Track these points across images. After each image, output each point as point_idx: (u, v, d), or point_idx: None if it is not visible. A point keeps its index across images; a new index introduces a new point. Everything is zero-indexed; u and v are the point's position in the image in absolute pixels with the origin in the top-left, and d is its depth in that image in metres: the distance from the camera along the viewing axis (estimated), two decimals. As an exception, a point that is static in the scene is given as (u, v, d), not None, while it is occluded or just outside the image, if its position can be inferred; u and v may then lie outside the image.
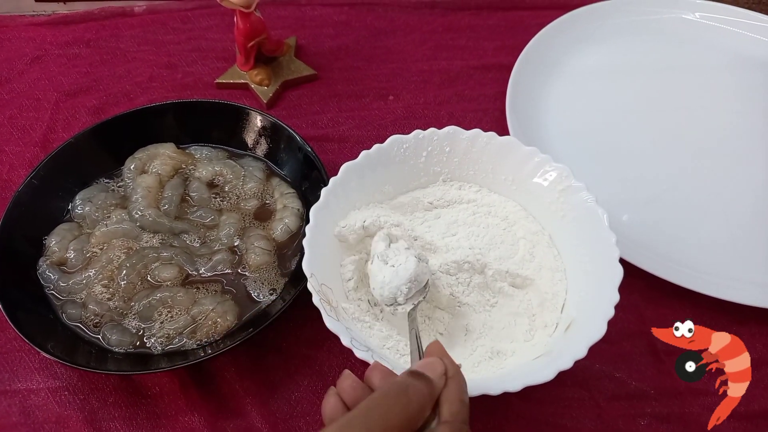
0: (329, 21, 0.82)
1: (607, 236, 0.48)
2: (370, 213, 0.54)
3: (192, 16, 0.82)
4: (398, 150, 0.55)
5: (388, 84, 0.75)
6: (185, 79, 0.75)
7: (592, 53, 0.77)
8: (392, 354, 0.47)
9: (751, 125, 0.71)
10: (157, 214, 0.58)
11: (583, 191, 0.51)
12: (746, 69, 0.76)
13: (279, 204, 0.60)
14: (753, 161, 0.67)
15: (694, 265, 0.58)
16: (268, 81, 0.72)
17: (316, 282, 0.46)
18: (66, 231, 0.57)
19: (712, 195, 0.64)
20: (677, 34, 0.79)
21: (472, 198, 0.57)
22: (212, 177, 0.62)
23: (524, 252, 0.54)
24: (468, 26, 0.82)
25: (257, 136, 0.64)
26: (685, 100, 0.73)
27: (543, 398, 0.51)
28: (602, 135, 0.70)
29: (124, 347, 0.51)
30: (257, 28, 0.68)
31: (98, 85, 0.75)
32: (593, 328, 0.44)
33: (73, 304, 0.54)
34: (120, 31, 0.81)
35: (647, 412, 0.51)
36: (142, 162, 0.62)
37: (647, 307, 0.56)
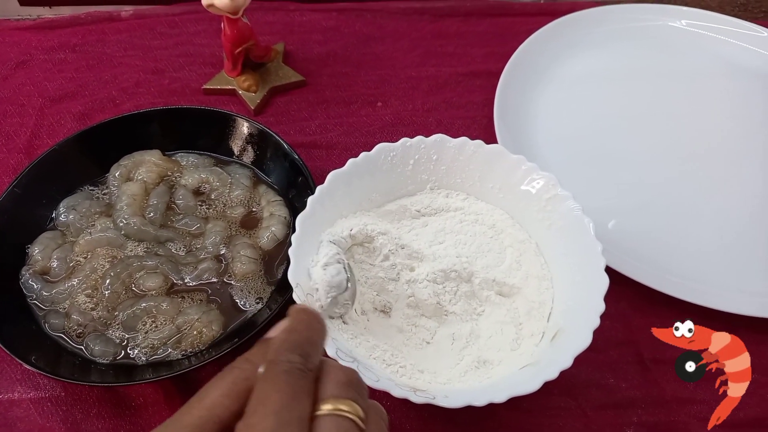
0: (318, 27, 0.82)
1: (594, 245, 0.48)
2: (357, 221, 0.53)
3: (179, 21, 0.82)
4: (385, 158, 0.55)
5: (377, 90, 0.75)
6: (172, 85, 0.75)
7: (580, 60, 0.77)
8: (378, 364, 0.47)
9: (739, 132, 0.71)
10: (142, 223, 0.57)
11: (569, 200, 0.51)
12: (733, 76, 0.76)
13: (266, 212, 0.59)
14: (741, 168, 0.68)
15: (682, 273, 0.58)
16: (255, 87, 0.72)
17: (301, 292, 0.46)
18: (49, 239, 0.57)
19: (700, 202, 0.64)
20: (664, 42, 0.79)
21: (459, 206, 0.57)
22: (198, 184, 0.61)
23: (511, 260, 0.54)
24: (457, 33, 0.82)
25: (244, 143, 0.63)
26: (672, 107, 0.73)
27: (530, 408, 0.51)
28: (590, 142, 0.70)
29: (108, 358, 0.51)
30: (244, 35, 0.68)
31: (84, 90, 0.74)
32: (579, 338, 0.44)
33: (56, 314, 0.53)
34: (106, 36, 0.80)
35: (634, 420, 0.51)
36: (127, 169, 0.61)
37: (635, 316, 0.56)
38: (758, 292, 0.57)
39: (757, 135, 0.71)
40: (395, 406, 0.51)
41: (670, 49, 0.79)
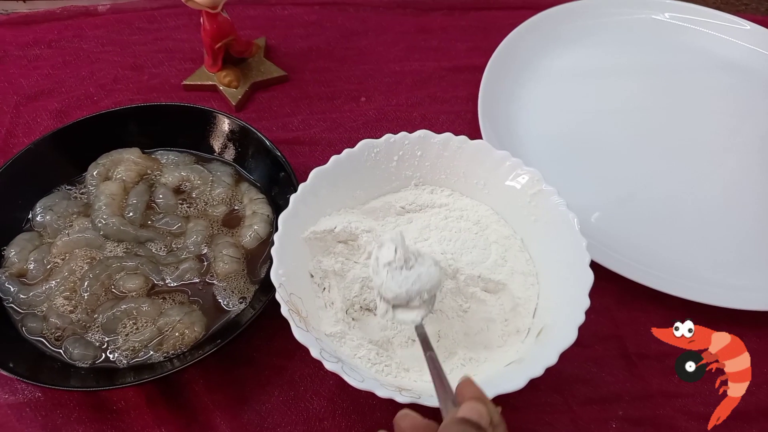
0: (300, 21, 0.80)
1: (578, 241, 0.48)
2: (341, 219, 0.53)
3: (158, 15, 0.80)
4: (369, 154, 0.54)
5: (360, 86, 0.74)
6: (151, 81, 0.73)
7: (563, 54, 0.77)
8: (364, 363, 0.47)
9: (723, 124, 0.71)
10: (122, 222, 0.56)
11: (554, 195, 0.51)
12: (716, 69, 0.76)
13: (248, 210, 0.58)
14: (725, 161, 0.68)
15: (666, 267, 0.58)
16: (236, 83, 0.71)
17: (284, 292, 0.45)
18: (26, 241, 0.56)
19: (684, 195, 0.65)
20: (648, 35, 0.79)
21: (444, 202, 0.57)
22: (179, 183, 0.60)
23: (496, 256, 0.53)
24: (440, 27, 0.81)
25: (225, 140, 0.62)
26: (656, 100, 0.73)
27: (517, 404, 0.51)
28: (574, 136, 0.70)
29: (88, 361, 0.50)
30: (224, 29, 0.67)
31: (61, 87, 0.73)
32: (564, 334, 0.43)
33: (34, 317, 0.52)
34: (83, 31, 0.78)
35: (619, 414, 0.51)
36: (105, 168, 0.60)
37: (620, 310, 0.56)
38: (742, 285, 0.57)
39: (741, 127, 0.71)
40: (382, 403, 0.50)
41: (653, 41, 0.79)
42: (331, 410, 0.50)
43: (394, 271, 0.44)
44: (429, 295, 0.45)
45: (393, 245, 0.44)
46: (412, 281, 0.44)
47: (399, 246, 0.44)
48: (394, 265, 0.44)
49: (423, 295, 0.44)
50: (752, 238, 0.62)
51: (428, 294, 0.45)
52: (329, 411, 0.50)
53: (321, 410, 0.50)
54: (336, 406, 0.51)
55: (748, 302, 0.54)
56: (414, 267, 0.44)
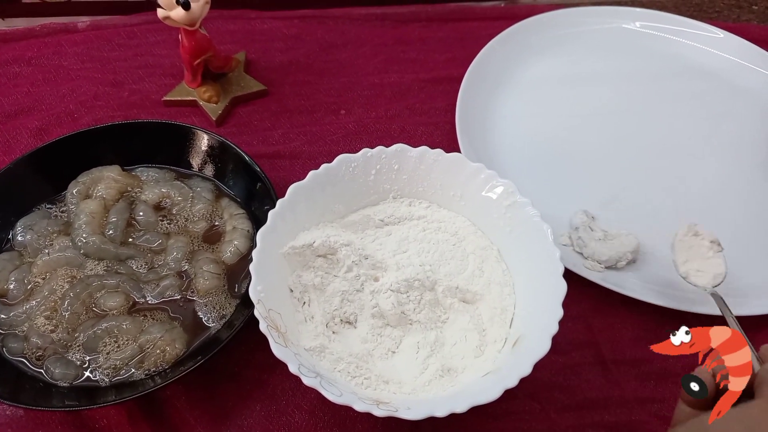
0: (279, 35, 0.81)
1: (552, 251, 0.49)
2: (319, 233, 0.53)
3: (138, 31, 0.81)
4: (347, 169, 0.55)
5: (340, 98, 0.75)
6: (132, 97, 0.74)
7: (538, 63, 0.78)
8: (343, 377, 0.47)
9: (695, 129, 0.73)
10: (102, 241, 0.56)
11: (528, 206, 0.52)
12: (687, 76, 0.78)
13: (228, 225, 0.59)
14: (700, 165, 0.70)
15: (642, 274, 0.59)
16: (216, 98, 0.71)
17: (263, 308, 0.46)
18: (6, 261, 0.56)
19: (660, 201, 0.66)
20: (619, 44, 0.81)
21: (422, 214, 0.57)
22: (159, 199, 0.61)
23: (474, 267, 0.54)
24: (418, 38, 0.82)
25: (205, 155, 0.63)
26: (630, 107, 0.75)
27: (495, 413, 0.52)
28: (551, 143, 0.71)
29: (69, 381, 0.50)
30: (203, 46, 0.67)
31: (40, 105, 0.73)
32: (538, 344, 0.44)
33: (15, 337, 0.52)
34: (63, 48, 0.79)
35: (597, 421, 0.52)
36: (85, 186, 0.60)
37: (595, 317, 0.57)
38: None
39: (715, 130, 0.73)
40: (362, 416, 0.51)
41: (624, 50, 0.80)
42: (312, 423, 0.51)
43: (598, 241, 0.59)
44: (633, 255, 0.59)
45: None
46: (616, 247, 0.58)
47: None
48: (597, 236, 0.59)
49: (627, 256, 0.58)
50: (732, 239, 0.63)
51: (632, 255, 0.58)
52: (311, 424, 0.51)
53: (303, 424, 0.51)
54: (317, 419, 0.51)
55: (730, 306, 0.55)
56: (614, 239, 0.59)
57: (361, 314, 0.52)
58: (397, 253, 0.55)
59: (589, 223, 0.61)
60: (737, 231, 0.63)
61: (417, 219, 0.57)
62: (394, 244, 0.55)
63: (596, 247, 0.59)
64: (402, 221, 0.57)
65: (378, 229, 0.57)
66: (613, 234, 0.60)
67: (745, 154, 0.71)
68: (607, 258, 0.58)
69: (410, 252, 0.55)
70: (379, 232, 0.57)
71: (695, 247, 0.56)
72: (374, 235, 0.56)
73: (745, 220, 0.65)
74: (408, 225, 0.57)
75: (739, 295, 0.57)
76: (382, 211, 0.57)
